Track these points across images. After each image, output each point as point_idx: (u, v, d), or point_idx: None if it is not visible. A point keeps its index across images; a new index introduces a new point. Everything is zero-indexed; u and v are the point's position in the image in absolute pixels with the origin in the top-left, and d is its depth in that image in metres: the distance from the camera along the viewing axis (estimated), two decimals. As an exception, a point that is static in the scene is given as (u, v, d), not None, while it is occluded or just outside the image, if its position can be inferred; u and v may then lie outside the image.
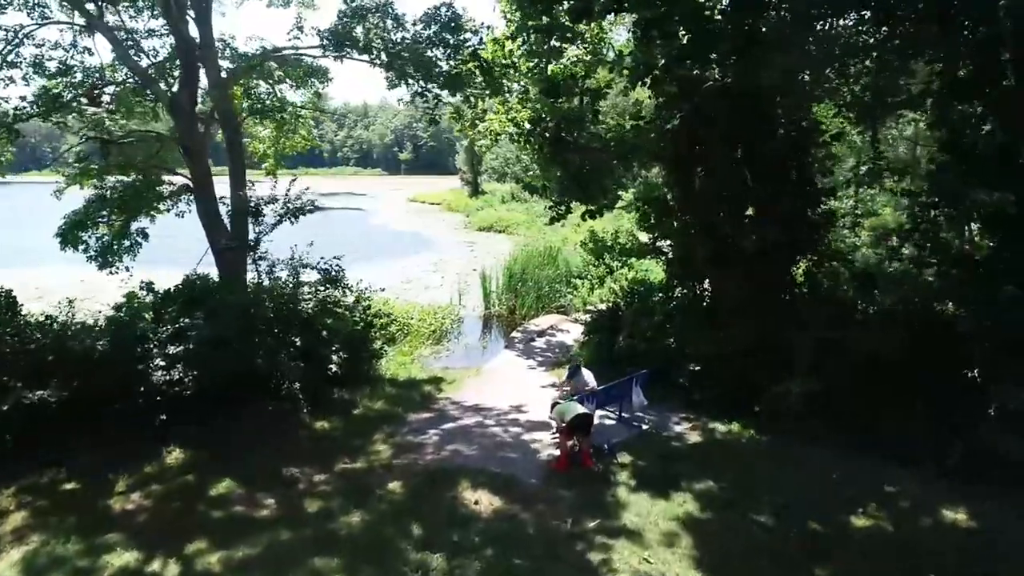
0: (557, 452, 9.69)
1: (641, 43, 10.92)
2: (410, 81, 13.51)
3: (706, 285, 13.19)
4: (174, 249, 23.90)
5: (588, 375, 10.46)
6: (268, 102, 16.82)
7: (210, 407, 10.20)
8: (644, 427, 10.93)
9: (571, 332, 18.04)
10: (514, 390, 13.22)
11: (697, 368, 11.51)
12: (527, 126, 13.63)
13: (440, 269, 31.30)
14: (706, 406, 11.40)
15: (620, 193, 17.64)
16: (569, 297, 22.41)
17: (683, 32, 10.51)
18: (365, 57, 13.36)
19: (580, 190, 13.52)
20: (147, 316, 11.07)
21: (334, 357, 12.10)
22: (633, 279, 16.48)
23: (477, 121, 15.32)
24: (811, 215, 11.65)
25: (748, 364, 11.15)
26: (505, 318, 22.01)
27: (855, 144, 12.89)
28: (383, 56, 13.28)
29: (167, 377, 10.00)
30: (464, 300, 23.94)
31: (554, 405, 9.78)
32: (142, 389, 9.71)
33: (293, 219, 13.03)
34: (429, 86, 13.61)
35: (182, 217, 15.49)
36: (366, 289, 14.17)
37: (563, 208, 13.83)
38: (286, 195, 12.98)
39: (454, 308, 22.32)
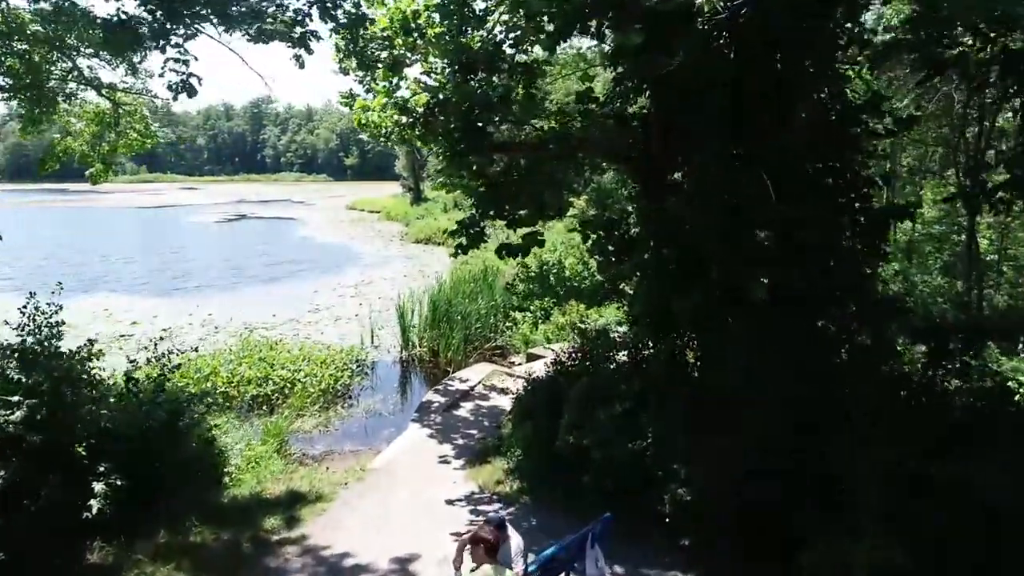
0: None
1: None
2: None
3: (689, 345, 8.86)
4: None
5: (514, 542, 5.89)
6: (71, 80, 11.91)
7: None
8: (606, 616, 6.51)
9: (510, 390, 13.53)
10: (412, 512, 8.67)
11: (687, 495, 7.13)
12: (419, 111, 9.11)
13: (361, 293, 26.46)
14: (705, 558, 7.05)
15: (571, 199, 13.25)
16: (508, 334, 17.94)
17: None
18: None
19: (498, 206, 9.02)
20: None
21: (96, 486, 7.30)
22: (577, 324, 11.97)
23: (362, 110, 10.63)
24: (857, 246, 7.43)
25: (769, 491, 6.85)
26: (427, 363, 17.40)
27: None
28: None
29: None
30: (381, 336, 19.30)
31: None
32: None
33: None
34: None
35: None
36: (168, 354, 9.28)
37: (472, 232, 9.19)
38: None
39: (363, 351, 17.59)
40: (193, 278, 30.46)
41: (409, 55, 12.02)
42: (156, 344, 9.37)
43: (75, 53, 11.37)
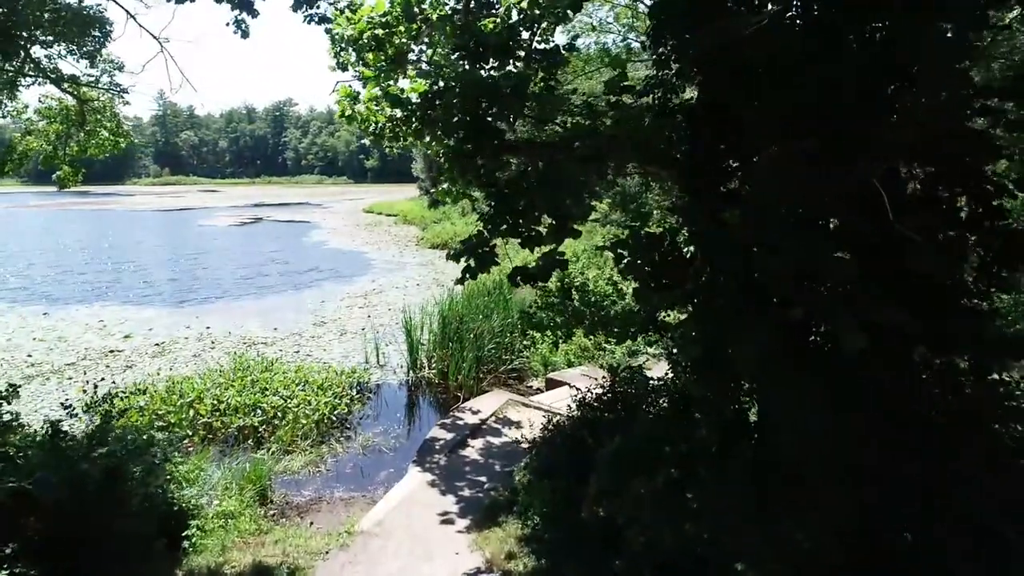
0: None
1: None
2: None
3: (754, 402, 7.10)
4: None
5: None
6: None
7: None
8: None
9: (524, 427, 11.89)
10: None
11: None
12: (415, 101, 7.50)
13: (371, 303, 24.97)
14: None
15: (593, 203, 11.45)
16: (525, 355, 16.27)
17: None
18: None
19: (510, 220, 7.34)
20: None
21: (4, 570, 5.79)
22: (604, 346, 10.26)
23: (348, 102, 9.04)
24: (975, 283, 5.63)
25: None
26: (436, 387, 15.78)
27: None
28: None
29: None
30: (387, 353, 17.74)
31: None
32: None
33: None
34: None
35: None
36: (111, 397, 7.74)
37: (480, 252, 7.46)
38: None
39: (366, 372, 16.06)
40: (197, 286, 29.23)
41: (412, 45, 10.49)
42: (96, 387, 7.83)
43: (28, 43, 9.98)
